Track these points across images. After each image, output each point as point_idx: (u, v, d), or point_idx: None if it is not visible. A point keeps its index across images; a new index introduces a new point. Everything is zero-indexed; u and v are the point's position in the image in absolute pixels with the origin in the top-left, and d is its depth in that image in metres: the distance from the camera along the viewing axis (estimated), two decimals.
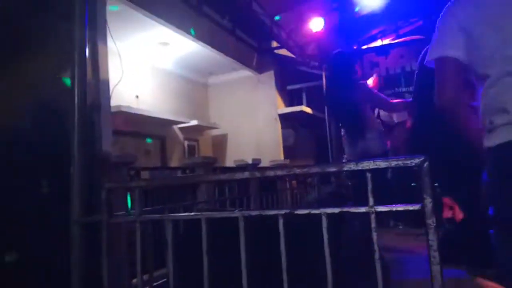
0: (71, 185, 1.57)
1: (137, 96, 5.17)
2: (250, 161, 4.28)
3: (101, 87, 2.33)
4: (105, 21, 2.42)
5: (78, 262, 1.55)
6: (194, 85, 6.64)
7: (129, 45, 4.97)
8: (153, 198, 2.47)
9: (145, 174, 2.87)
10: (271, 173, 1.14)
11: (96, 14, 2.01)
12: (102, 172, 1.73)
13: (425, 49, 3.26)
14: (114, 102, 3.12)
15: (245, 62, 6.06)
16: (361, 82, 3.40)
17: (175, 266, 1.29)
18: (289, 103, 7.05)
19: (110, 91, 2.57)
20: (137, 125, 5.03)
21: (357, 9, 4.89)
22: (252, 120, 6.66)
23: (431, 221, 1.00)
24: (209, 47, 5.12)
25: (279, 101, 6.76)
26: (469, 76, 1.44)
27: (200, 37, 4.86)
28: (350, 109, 3.21)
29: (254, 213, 1.17)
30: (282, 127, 6.69)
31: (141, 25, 4.39)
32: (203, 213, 1.19)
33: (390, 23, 5.78)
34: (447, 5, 1.45)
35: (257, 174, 1.16)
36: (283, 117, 6.67)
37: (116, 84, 3.12)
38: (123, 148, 4.59)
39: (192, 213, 1.26)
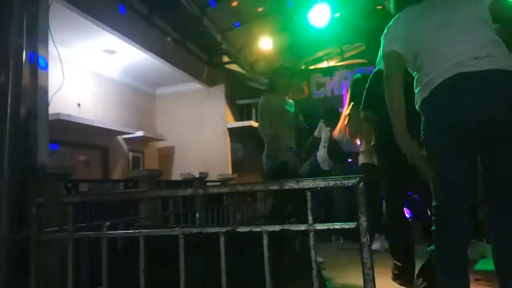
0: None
1: (78, 104, 4.94)
2: (197, 175, 4.23)
3: (39, 94, 2.20)
4: (47, 26, 2.31)
5: (4, 280, 1.44)
6: (141, 95, 6.48)
7: (73, 51, 4.77)
8: (91, 213, 2.35)
9: (84, 187, 2.73)
10: (214, 190, 1.14)
11: (37, 19, 1.91)
12: (34, 185, 1.63)
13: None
14: (53, 109, 2.96)
15: (195, 74, 6.04)
16: None
17: (111, 285, 1.24)
18: (238, 118, 7.09)
19: (49, 98, 2.44)
20: (78, 135, 4.79)
21: (304, 30, 5.09)
22: (200, 133, 6.61)
23: (365, 239, 1.05)
24: (159, 58, 5.05)
25: (229, 115, 6.79)
26: None
27: (149, 47, 4.78)
28: None
29: (195, 230, 1.15)
30: (231, 141, 6.71)
31: (87, 31, 4.24)
32: (142, 230, 1.16)
33: (336, 46, 6.07)
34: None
35: (200, 192, 1.16)
36: (232, 131, 6.69)
37: (56, 91, 2.97)
38: (61, 159, 4.35)
39: (130, 231, 1.22)
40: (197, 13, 4.77)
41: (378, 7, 4.93)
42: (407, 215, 3.20)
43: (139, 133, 5.70)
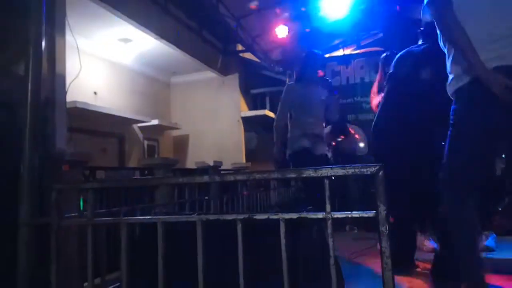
0: (20, 184, 1.48)
1: (95, 93, 4.99)
2: (211, 163, 4.25)
3: (56, 82, 2.21)
4: (64, 15, 2.32)
5: (25, 266, 1.47)
6: (156, 84, 6.51)
7: (90, 40, 4.80)
8: (108, 199, 2.39)
9: (101, 174, 2.77)
10: (231, 178, 1.14)
11: (55, 7, 1.92)
12: (54, 172, 1.65)
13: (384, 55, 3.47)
14: (70, 98, 3.00)
15: (209, 63, 6.03)
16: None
17: (129, 270, 1.25)
18: (252, 107, 7.08)
19: (67, 87, 2.47)
20: (94, 123, 4.85)
21: (319, 18, 5.01)
22: (214, 122, 6.62)
23: (384, 228, 1.04)
24: (174, 46, 5.05)
25: (243, 104, 6.78)
26: None
27: (164, 35, 4.78)
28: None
29: (212, 217, 1.16)
30: (245, 130, 6.71)
31: (103, 20, 4.26)
32: (160, 216, 1.17)
33: (352, 33, 5.96)
34: None
35: (217, 179, 1.16)
36: (246, 120, 6.68)
37: (73, 80, 3.00)
38: (78, 147, 4.42)
39: (148, 217, 1.23)
40: (213, 0, 4.73)
41: None
42: None
43: (154, 122, 5.74)
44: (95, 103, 4.72)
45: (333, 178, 1.13)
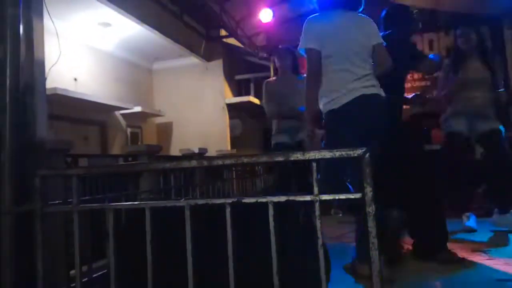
0: (1, 172, 1.45)
1: (75, 79, 4.87)
2: (196, 151, 4.23)
3: (35, 68, 2.15)
4: None
5: (9, 255, 1.45)
6: (138, 70, 6.40)
7: (69, 25, 4.66)
8: (91, 188, 2.35)
9: (83, 162, 2.72)
10: (219, 162, 1.13)
11: None
12: (35, 159, 1.62)
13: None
14: (50, 84, 2.92)
15: (193, 49, 5.94)
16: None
17: (116, 257, 1.25)
18: (237, 93, 7.03)
19: (46, 73, 2.39)
20: (75, 110, 4.75)
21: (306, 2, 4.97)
22: (198, 108, 6.56)
23: (370, 209, 1.05)
24: (155, 31, 4.94)
25: (227, 90, 6.73)
26: None
27: (146, 20, 4.67)
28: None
29: (200, 201, 1.16)
30: (230, 117, 6.68)
31: (81, 3, 4.13)
32: (147, 202, 1.16)
33: None
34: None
35: (205, 163, 1.15)
36: (230, 107, 6.64)
37: (53, 65, 2.92)
38: (59, 134, 4.32)
39: (135, 202, 1.22)
40: None
41: None
42: None
43: (137, 109, 5.65)
44: (75, 90, 4.61)
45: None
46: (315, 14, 2.32)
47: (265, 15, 5.10)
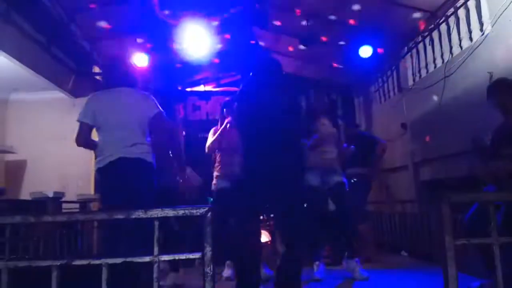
0: None
1: None
2: (51, 195, 3.81)
3: None
4: None
5: None
6: None
7: None
8: None
9: None
10: (48, 219, 1.03)
11: None
12: None
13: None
14: None
15: (59, 82, 5.47)
16: None
17: None
18: None
19: None
20: None
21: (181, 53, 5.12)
22: (61, 147, 5.94)
23: (209, 269, 1.06)
24: (15, 60, 4.44)
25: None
26: None
27: (3, 46, 4.18)
28: None
29: (21, 264, 1.02)
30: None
31: None
32: None
33: (213, 72, 6.24)
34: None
35: (32, 219, 1.03)
36: None
37: None
38: None
39: None
40: (64, 17, 4.39)
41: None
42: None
43: None
44: None
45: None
46: None
47: (141, 59, 5.03)
